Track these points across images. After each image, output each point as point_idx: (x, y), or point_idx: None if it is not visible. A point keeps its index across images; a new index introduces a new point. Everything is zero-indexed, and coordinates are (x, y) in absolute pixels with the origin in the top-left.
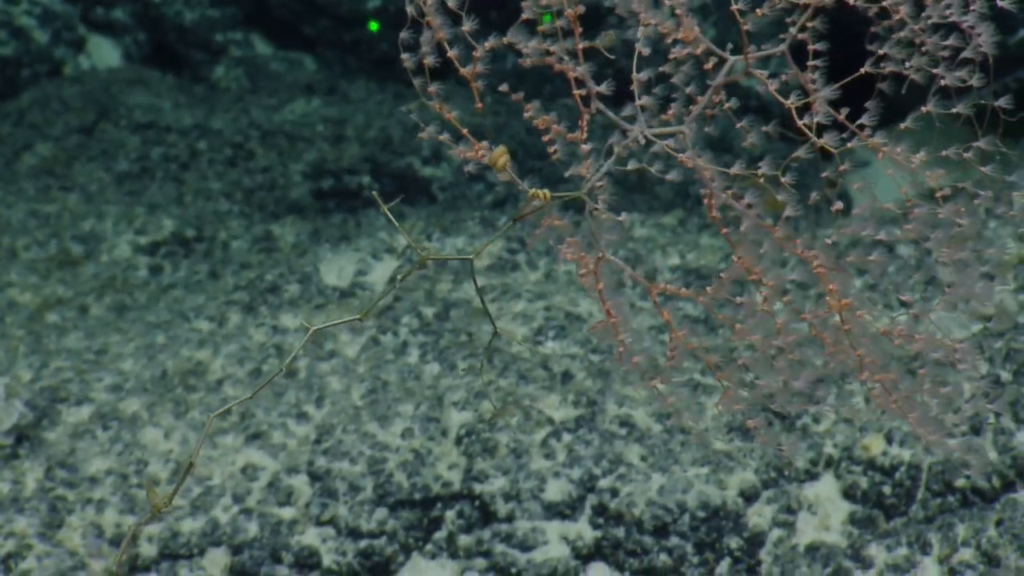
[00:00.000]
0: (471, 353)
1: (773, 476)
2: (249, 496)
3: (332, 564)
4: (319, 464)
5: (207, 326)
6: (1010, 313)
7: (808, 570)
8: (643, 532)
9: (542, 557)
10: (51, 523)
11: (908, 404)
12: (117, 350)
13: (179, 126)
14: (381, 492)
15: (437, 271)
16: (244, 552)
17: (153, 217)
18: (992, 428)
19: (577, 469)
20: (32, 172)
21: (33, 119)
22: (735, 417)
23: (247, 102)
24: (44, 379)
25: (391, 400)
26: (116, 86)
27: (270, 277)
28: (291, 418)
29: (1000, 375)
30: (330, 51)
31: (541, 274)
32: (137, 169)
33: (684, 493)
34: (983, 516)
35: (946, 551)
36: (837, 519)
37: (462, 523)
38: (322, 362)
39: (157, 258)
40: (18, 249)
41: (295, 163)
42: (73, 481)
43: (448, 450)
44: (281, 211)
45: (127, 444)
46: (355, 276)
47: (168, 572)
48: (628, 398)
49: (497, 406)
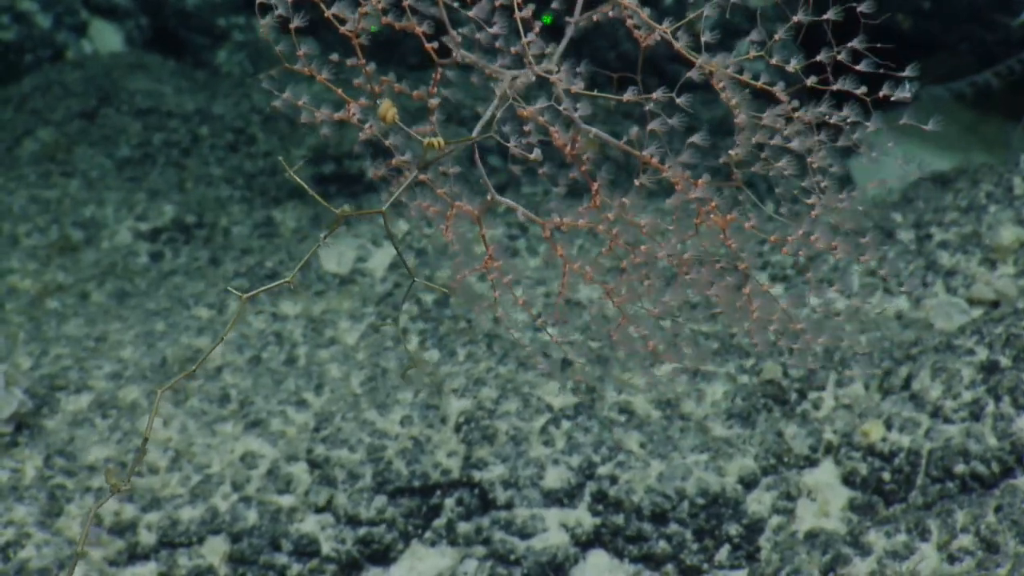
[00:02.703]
0: (470, 340)
1: (772, 463)
2: (248, 484)
3: (331, 551)
4: (318, 452)
5: (207, 313)
6: (1010, 298)
7: (807, 557)
8: (642, 519)
9: (541, 544)
10: (50, 511)
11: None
12: (117, 337)
13: (181, 111)
14: (380, 480)
15: (437, 259)
16: (243, 540)
17: (154, 203)
18: (991, 414)
19: (576, 456)
20: (33, 158)
21: (34, 104)
22: (735, 403)
23: (248, 87)
24: (44, 367)
25: (390, 387)
26: (118, 71)
27: (270, 264)
28: (290, 405)
29: (999, 360)
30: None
31: (541, 260)
32: (138, 155)
33: (683, 480)
34: (982, 502)
35: (945, 537)
36: (836, 505)
37: (461, 510)
38: (321, 349)
39: (158, 244)
40: (19, 235)
41: (296, 148)
42: (72, 469)
43: (447, 437)
44: (282, 196)
45: (126, 432)
46: (355, 263)
47: (167, 560)
48: (627, 385)
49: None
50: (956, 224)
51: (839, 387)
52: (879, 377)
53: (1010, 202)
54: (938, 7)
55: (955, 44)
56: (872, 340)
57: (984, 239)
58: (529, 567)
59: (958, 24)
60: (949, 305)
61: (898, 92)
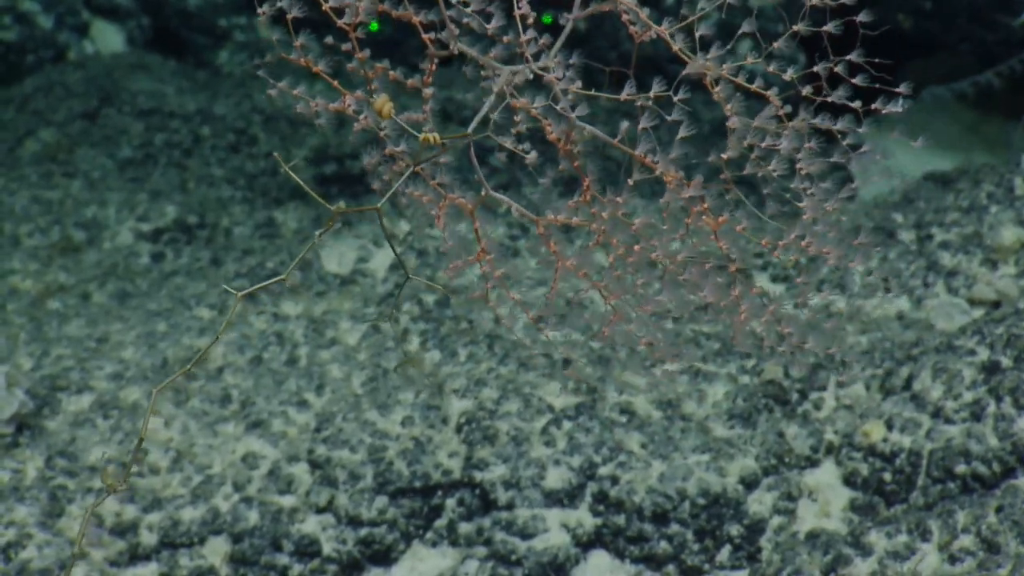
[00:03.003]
0: (471, 340)
1: (773, 463)
2: (249, 484)
3: (332, 552)
4: (319, 452)
5: (208, 314)
6: (1011, 298)
7: (808, 557)
8: (643, 519)
9: (542, 545)
10: (51, 512)
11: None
12: (118, 338)
13: (182, 112)
14: (381, 480)
15: (438, 259)
16: (244, 540)
17: (155, 204)
18: (992, 414)
19: (577, 457)
20: (35, 158)
21: (36, 105)
22: (736, 404)
23: (250, 87)
24: (45, 367)
25: (391, 388)
26: (119, 71)
27: (271, 264)
28: (291, 406)
29: (1001, 361)
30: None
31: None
32: (140, 155)
33: (684, 480)
34: (983, 503)
35: (946, 538)
36: (837, 506)
37: (462, 511)
38: (323, 350)
39: (159, 245)
40: (20, 236)
41: (298, 148)
42: (73, 470)
43: (448, 438)
44: (284, 197)
45: (127, 433)
46: (356, 263)
47: (168, 560)
48: (628, 385)
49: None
50: (957, 224)
51: (840, 387)
52: (880, 377)
53: (1011, 202)
54: (939, 7)
55: (956, 44)
56: (873, 340)
57: (985, 239)
58: (530, 567)
59: (959, 24)
60: (950, 305)
61: (890, 106)
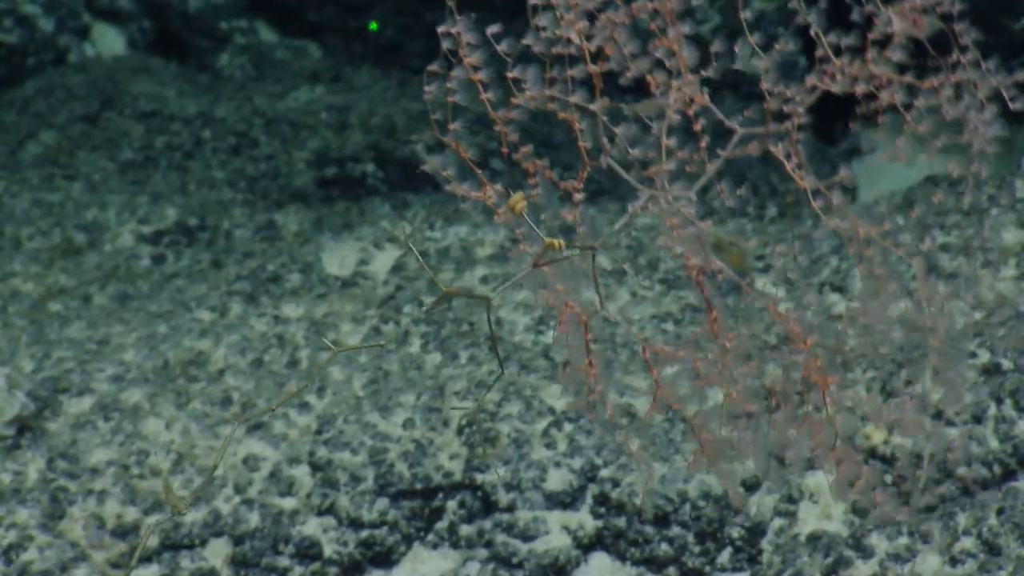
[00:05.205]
0: (472, 343)
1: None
2: (250, 487)
3: (333, 554)
4: (320, 454)
5: (209, 316)
6: (1012, 301)
7: (809, 559)
8: (644, 522)
9: (543, 547)
10: (52, 514)
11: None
12: (119, 340)
13: (183, 114)
14: (382, 482)
15: (439, 261)
16: (245, 542)
17: (156, 206)
18: (993, 416)
19: (578, 459)
20: (36, 161)
21: (37, 108)
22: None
23: (251, 90)
24: (46, 369)
25: (392, 390)
26: (120, 74)
27: (272, 267)
28: (292, 408)
29: (1001, 363)
30: (335, 38)
31: None
32: (141, 158)
33: (685, 483)
34: (984, 505)
35: (947, 540)
36: (838, 508)
37: (463, 513)
38: (324, 352)
39: (160, 247)
40: (21, 238)
41: (299, 151)
42: (74, 472)
43: (449, 440)
44: (284, 199)
45: (128, 435)
46: (357, 265)
47: (170, 563)
48: (629, 387)
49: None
50: (958, 227)
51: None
52: (881, 380)
53: (1012, 205)
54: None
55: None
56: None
57: (987, 242)
58: (531, 569)
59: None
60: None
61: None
